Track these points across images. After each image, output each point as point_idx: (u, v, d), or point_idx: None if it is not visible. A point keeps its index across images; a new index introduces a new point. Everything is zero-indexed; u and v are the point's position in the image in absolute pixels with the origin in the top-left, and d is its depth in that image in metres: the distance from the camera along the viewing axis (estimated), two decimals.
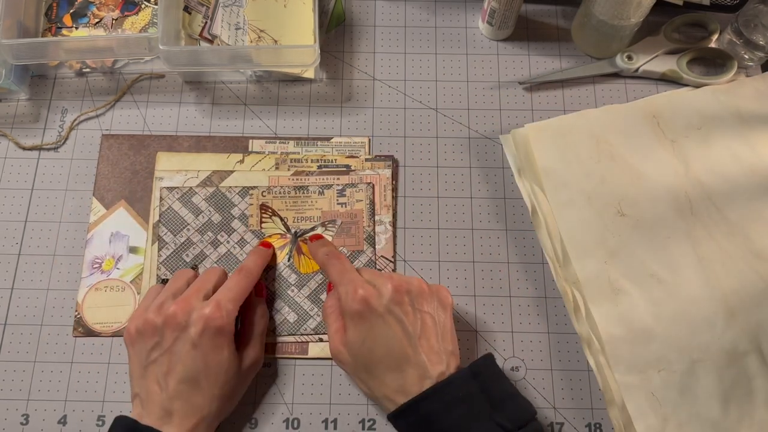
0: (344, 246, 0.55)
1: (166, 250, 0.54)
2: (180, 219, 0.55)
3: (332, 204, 0.56)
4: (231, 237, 0.55)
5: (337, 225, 0.55)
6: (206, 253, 0.54)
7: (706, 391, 0.50)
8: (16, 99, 0.60)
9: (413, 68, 0.62)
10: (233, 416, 0.50)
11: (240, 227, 0.55)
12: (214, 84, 0.61)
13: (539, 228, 0.56)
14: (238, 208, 0.55)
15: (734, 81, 0.61)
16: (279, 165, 0.57)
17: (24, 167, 0.58)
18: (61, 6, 0.61)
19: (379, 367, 0.45)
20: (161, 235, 0.54)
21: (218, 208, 0.55)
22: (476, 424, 0.42)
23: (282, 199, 0.56)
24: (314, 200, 0.56)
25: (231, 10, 0.61)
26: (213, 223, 0.55)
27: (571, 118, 0.59)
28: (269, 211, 0.55)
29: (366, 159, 0.58)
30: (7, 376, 0.51)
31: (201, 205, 0.55)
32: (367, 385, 0.47)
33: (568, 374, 0.52)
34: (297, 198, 0.56)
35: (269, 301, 0.53)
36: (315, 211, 0.56)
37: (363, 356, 0.46)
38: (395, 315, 0.45)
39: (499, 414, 0.43)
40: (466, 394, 0.43)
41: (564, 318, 0.54)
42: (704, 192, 0.56)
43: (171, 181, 0.56)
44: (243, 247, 0.54)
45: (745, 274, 0.53)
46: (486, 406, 0.43)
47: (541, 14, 0.65)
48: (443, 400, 0.43)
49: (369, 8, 0.64)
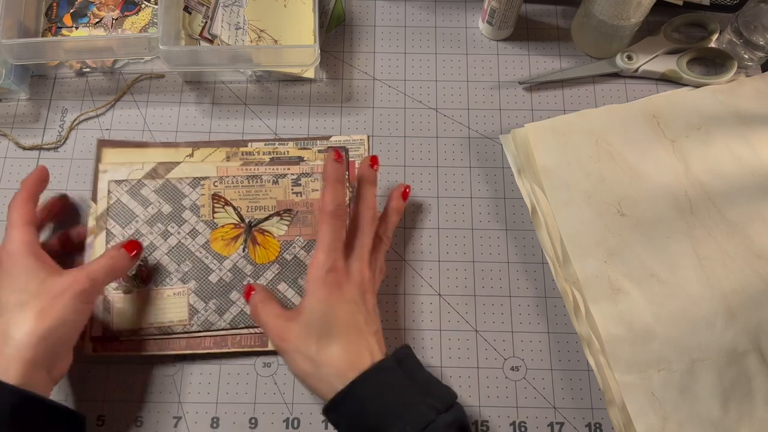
0: (300, 235, 0.54)
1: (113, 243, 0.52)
2: (128, 211, 0.53)
3: (287, 193, 0.55)
4: (182, 228, 0.53)
5: (294, 215, 0.54)
6: (156, 244, 0.53)
7: (706, 390, 0.50)
8: (16, 99, 0.60)
9: (413, 68, 0.62)
10: (233, 416, 0.50)
11: (191, 218, 0.54)
12: (214, 84, 0.61)
13: (539, 228, 0.56)
14: (189, 198, 0.54)
15: (734, 81, 0.61)
16: (230, 158, 0.56)
17: (24, 167, 0.58)
18: (61, 6, 0.61)
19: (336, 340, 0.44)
20: (109, 228, 0.53)
21: (168, 199, 0.54)
22: (410, 408, 0.43)
23: (235, 188, 0.55)
24: (268, 189, 0.55)
25: (231, 10, 0.61)
26: (163, 214, 0.54)
27: (571, 118, 0.59)
28: (222, 201, 0.54)
29: (318, 151, 0.57)
30: None
31: (150, 197, 0.54)
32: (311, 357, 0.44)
33: (568, 374, 0.52)
34: (250, 187, 0.55)
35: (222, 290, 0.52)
36: (269, 200, 0.55)
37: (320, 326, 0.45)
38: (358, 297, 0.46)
39: (429, 397, 0.44)
40: (394, 380, 0.44)
41: (564, 318, 0.54)
42: (704, 192, 0.56)
43: (116, 173, 0.54)
44: (195, 237, 0.53)
45: (745, 274, 0.53)
46: (415, 391, 0.44)
47: (541, 14, 0.65)
48: (375, 385, 0.43)
49: (369, 8, 0.64)
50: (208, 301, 0.52)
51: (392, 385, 0.44)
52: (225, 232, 0.54)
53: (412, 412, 0.42)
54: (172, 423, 0.50)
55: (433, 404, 0.43)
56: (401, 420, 0.42)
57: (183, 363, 0.52)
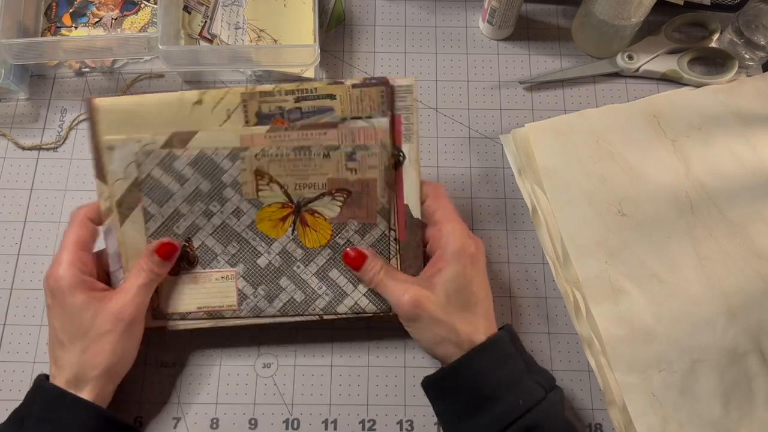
0: (354, 218, 0.49)
1: (154, 223, 0.48)
2: (164, 188, 0.48)
3: (340, 169, 0.48)
4: (224, 207, 0.48)
5: (348, 195, 0.49)
6: (199, 224, 0.48)
7: (706, 391, 0.49)
8: (16, 99, 0.60)
9: (413, 68, 0.62)
10: (233, 416, 0.50)
11: (234, 196, 0.48)
12: (214, 84, 0.61)
13: (539, 228, 0.56)
14: (229, 174, 0.48)
15: (735, 81, 0.60)
16: (247, 103, 0.47)
17: (23, 167, 0.57)
18: (61, 6, 0.61)
19: (476, 310, 0.46)
20: (146, 207, 0.48)
21: (206, 174, 0.48)
22: (521, 382, 0.44)
23: (279, 162, 0.48)
24: (318, 164, 0.48)
25: (231, 10, 0.61)
26: (202, 191, 0.48)
27: (572, 118, 0.58)
28: (266, 177, 0.48)
29: (353, 85, 0.47)
30: (6, 376, 0.51)
31: (185, 172, 0.48)
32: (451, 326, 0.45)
33: (568, 374, 0.52)
34: (298, 161, 0.48)
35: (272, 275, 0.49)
36: (320, 177, 0.48)
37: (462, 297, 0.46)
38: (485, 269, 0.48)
39: (537, 374, 0.45)
40: (509, 353, 0.45)
41: (564, 318, 0.54)
42: (705, 192, 0.56)
43: (123, 150, 0.47)
44: (239, 218, 0.48)
45: (746, 274, 0.53)
46: (525, 367, 0.45)
47: (541, 14, 0.65)
48: (492, 358, 0.45)
49: (369, 8, 0.64)
50: (257, 286, 0.49)
51: (507, 358, 0.45)
52: (272, 212, 0.49)
53: (524, 386, 0.44)
54: (172, 423, 0.50)
55: (541, 382, 0.45)
56: (513, 393, 0.43)
57: (183, 363, 0.52)
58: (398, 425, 0.51)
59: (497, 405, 0.43)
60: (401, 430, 0.50)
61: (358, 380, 0.52)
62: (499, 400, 0.43)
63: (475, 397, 0.44)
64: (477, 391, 0.44)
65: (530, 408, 0.43)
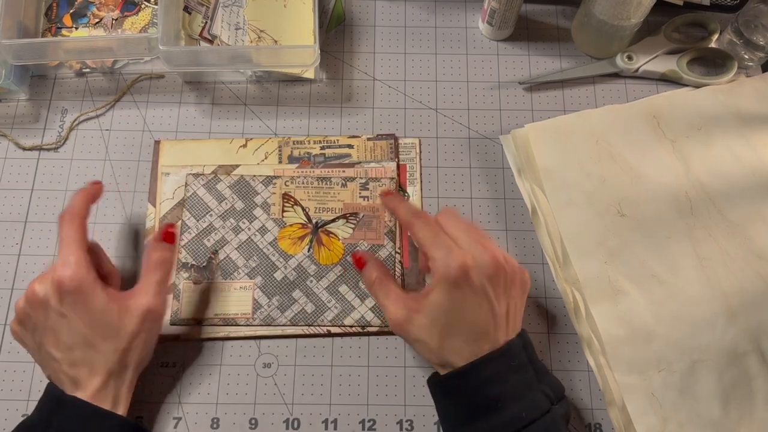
0: (365, 239, 0.55)
1: (189, 234, 0.55)
2: (204, 205, 0.55)
3: (355, 196, 0.56)
4: (252, 224, 0.55)
5: (360, 218, 0.55)
6: (227, 239, 0.55)
7: (706, 391, 0.49)
8: (16, 99, 0.60)
9: (413, 68, 0.62)
10: (233, 416, 0.50)
11: (262, 215, 0.55)
12: (214, 84, 0.61)
13: (539, 228, 0.56)
14: (261, 196, 0.56)
15: (734, 81, 0.61)
16: (282, 147, 0.58)
17: (24, 167, 0.58)
18: (61, 6, 0.61)
19: (458, 336, 0.45)
20: (185, 220, 0.55)
21: (242, 195, 0.56)
22: (528, 393, 0.44)
23: (305, 189, 0.56)
24: (336, 192, 0.56)
25: (231, 10, 0.61)
26: (236, 210, 0.55)
27: (571, 118, 0.59)
28: (291, 200, 0.56)
29: (368, 138, 0.58)
30: (7, 376, 0.51)
31: (225, 192, 0.56)
32: (432, 348, 0.45)
33: (568, 374, 0.52)
34: (320, 189, 0.56)
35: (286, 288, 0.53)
36: (337, 202, 0.56)
37: (444, 322, 0.45)
38: (488, 294, 0.44)
39: (544, 385, 0.45)
40: (519, 363, 0.45)
41: (564, 318, 0.54)
42: (704, 192, 0.56)
43: (176, 176, 0.56)
44: (263, 234, 0.55)
45: (746, 275, 0.53)
46: (534, 376, 0.45)
47: (541, 14, 0.65)
48: (502, 366, 0.44)
49: (369, 8, 0.64)
50: (271, 297, 0.53)
51: (517, 368, 0.44)
52: (293, 231, 0.55)
53: (529, 398, 0.43)
54: (172, 423, 0.50)
55: (548, 393, 0.44)
56: (517, 404, 0.43)
57: (183, 363, 0.52)
58: (398, 425, 0.51)
59: (500, 414, 0.43)
60: (401, 429, 0.51)
61: (358, 380, 0.52)
62: (502, 409, 0.43)
63: (479, 403, 0.43)
64: (482, 398, 0.43)
65: (533, 420, 0.42)
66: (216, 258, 0.54)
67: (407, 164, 0.58)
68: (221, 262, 0.54)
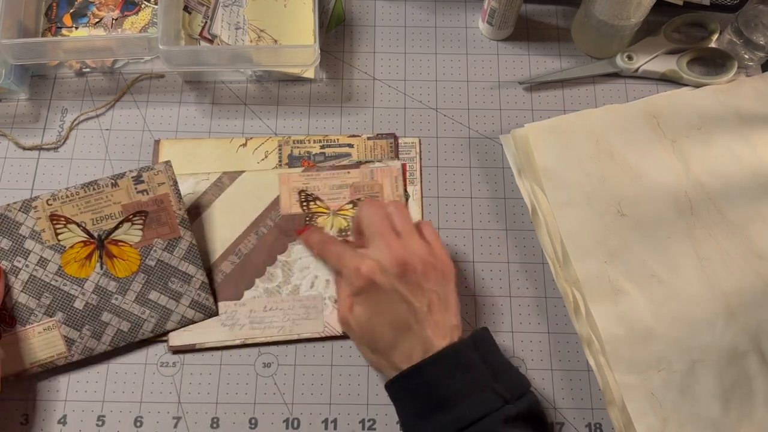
0: (158, 237, 0.51)
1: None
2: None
3: (131, 194, 0.50)
4: (28, 259, 0.49)
5: (146, 216, 0.51)
6: (8, 283, 0.49)
7: (706, 391, 0.49)
8: (16, 99, 0.60)
9: (413, 68, 0.62)
10: (233, 416, 0.50)
11: (35, 246, 0.49)
12: (214, 84, 0.61)
13: (539, 228, 0.56)
14: (26, 226, 0.49)
15: (734, 81, 0.61)
16: (282, 146, 0.57)
17: (24, 167, 0.58)
18: (61, 6, 0.61)
19: (383, 341, 0.46)
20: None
21: (4, 232, 0.49)
22: (477, 392, 0.43)
23: (72, 202, 0.50)
24: (109, 194, 0.50)
25: (231, 10, 0.61)
26: (4, 250, 0.49)
27: (571, 118, 0.59)
28: (62, 220, 0.50)
29: (368, 138, 0.58)
30: None
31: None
32: (370, 356, 0.47)
33: (568, 374, 0.52)
34: (89, 197, 0.50)
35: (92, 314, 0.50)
36: (114, 206, 0.50)
37: (369, 330, 0.46)
38: (401, 293, 0.45)
39: (499, 384, 0.44)
40: (468, 362, 0.44)
41: (564, 318, 0.54)
42: (704, 192, 0.56)
43: (182, 185, 0.53)
44: (45, 266, 0.49)
45: (746, 274, 0.53)
46: (487, 376, 0.44)
47: (541, 14, 0.65)
48: (447, 366, 0.44)
49: (369, 8, 0.64)
50: (81, 328, 0.50)
51: (466, 367, 0.44)
52: (76, 253, 0.50)
53: (478, 396, 0.43)
54: (172, 423, 0.50)
55: (501, 392, 0.43)
56: (464, 403, 0.43)
57: (183, 363, 0.52)
58: (398, 424, 0.51)
59: (445, 413, 0.42)
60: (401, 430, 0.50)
61: (358, 380, 0.52)
62: (448, 409, 0.42)
63: (426, 403, 0.43)
64: (428, 398, 0.43)
65: (479, 418, 0.42)
66: (5, 308, 0.49)
67: (407, 164, 0.58)
68: (12, 310, 0.49)
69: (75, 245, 0.50)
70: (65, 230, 0.50)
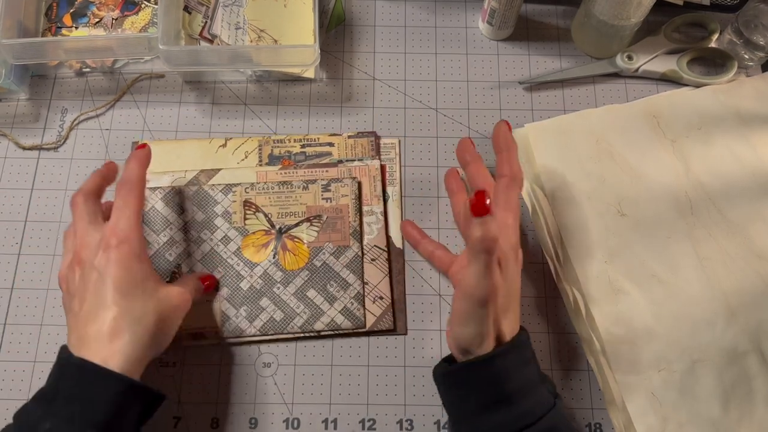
0: (330, 241, 0.54)
1: (149, 250, 0.53)
2: (163, 218, 0.54)
3: (317, 199, 0.55)
4: (214, 234, 0.54)
5: (323, 220, 0.54)
6: (190, 251, 0.53)
7: (706, 391, 0.49)
8: (16, 99, 0.60)
9: (413, 68, 0.62)
10: (233, 416, 0.50)
11: (223, 224, 0.54)
12: (214, 84, 0.61)
13: (539, 228, 0.56)
14: (221, 205, 0.55)
15: (734, 81, 0.61)
16: (262, 146, 0.57)
17: (24, 167, 0.58)
18: (61, 6, 0.61)
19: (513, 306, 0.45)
20: (144, 235, 0.53)
21: (201, 206, 0.54)
22: (536, 387, 0.44)
23: (266, 194, 0.55)
24: (298, 195, 0.55)
25: (231, 10, 0.61)
26: (196, 221, 0.54)
27: (571, 118, 0.59)
28: (253, 207, 0.55)
29: (349, 136, 0.58)
30: (6, 375, 0.51)
31: (184, 204, 0.55)
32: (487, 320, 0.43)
33: (568, 374, 0.52)
34: (281, 193, 0.55)
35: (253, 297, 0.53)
36: (299, 206, 0.55)
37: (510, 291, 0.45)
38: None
39: (544, 380, 0.46)
40: (529, 356, 0.45)
41: (564, 318, 0.54)
42: (704, 192, 0.56)
43: (158, 182, 0.55)
44: (227, 244, 0.54)
45: (746, 274, 0.53)
46: (538, 372, 0.45)
47: (541, 14, 0.65)
48: (518, 358, 0.44)
49: (369, 8, 0.64)
50: (239, 308, 0.52)
51: (528, 362, 0.45)
52: (256, 239, 0.54)
53: (539, 392, 0.44)
54: (172, 423, 0.50)
55: (549, 389, 0.45)
56: (529, 398, 0.43)
57: (183, 363, 0.52)
58: (398, 425, 0.51)
59: (515, 407, 0.43)
60: (401, 429, 0.51)
61: (358, 380, 0.52)
62: (516, 402, 0.43)
63: (495, 395, 0.43)
64: (499, 389, 0.43)
65: (543, 415, 0.43)
66: (179, 272, 0.53)
67: (387, 164, 0.58)
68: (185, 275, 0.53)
69: (257, 232, 0.54)
70: (253, 217, 0.54)
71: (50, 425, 0.39)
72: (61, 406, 0.40)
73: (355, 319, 0.52)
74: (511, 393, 0.43)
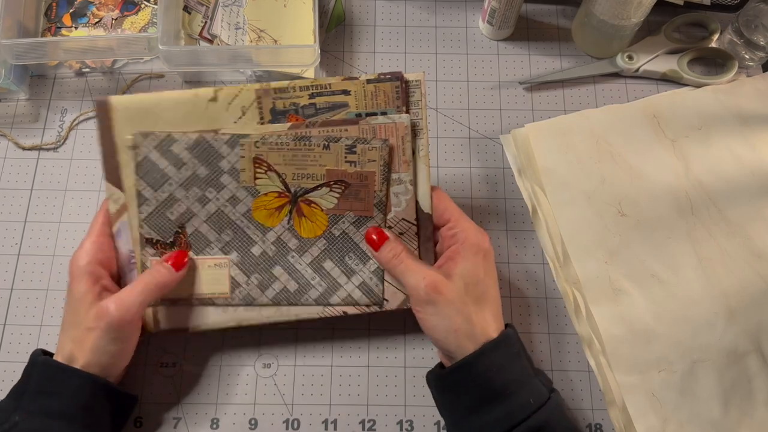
0: (351, 210, 0.48)
1: (147, 207, 0.47)
2: (160, 171, 0.47)
3: (339, 162, 0.47)
4: (221, 194, 0.48)
5: (346, 187, 0.48)
6: (193, 210, 0.48)
7: (706, 391, 0.49)
8: (16, 99, 0.60)
9: (413, 68, 0.62)
10: (233, 416, 0.50)
11: (231, 183, 0.48)
12: (214, 84, 0.61)
13: (539, 228, 0.56)
14: (227, 160, 0.47)
15: (735, 81, 0.60)
16: (261, 99, 0.47)
17: (24, 167, 0.58)
18: (61, 6, 0.61)
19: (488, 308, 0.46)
20: (140, 189, 0.47)
21: (204, 159, 0.47)
22: (529, 380, 0.44)
23: (279, 152, 0.47)
24: (318, 155, 0.47)
25: (231, 10, 0.61)
26: (199, 177, 0.47)
27: (572, 118, 0.59)
28: (264, 166, 0.48)
29: (368, 80, 0.47)
30: (6, 376, 0.51)
31: (183, 156, 0.47)
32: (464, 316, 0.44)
33: (568, 374, 0.52)
34: (297, 151, 0.47)
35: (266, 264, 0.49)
36: (318, 168, 0.48)
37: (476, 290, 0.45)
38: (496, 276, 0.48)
39: (538, 374, 0.46)
40: (517, 350, 0.46)
41: (564, 318, 0.54)
42: (704, 192, 0.56)
43: None
44: (235, 205, 0.48)
45: (746, 274, 0.53)
46: (529, 365, 0.46)
47: (541, 14, 0.65)
48: (505, 353, 0.45)
49: (369, 8, 0.64)
50: (250, 275, 0.48)
51: (516, 356, 0.45)
52: (268, 201, 0.48)
53: (532, 385, 0.44)
54: (172, 423, 0.50)
55: (544, 383, 0.45)
56: (523, 392, 0.44)
57: (183, 363, 0.52)
58: (398, 425, 0.51)
59: (507, 402, 0.43)
60: (401, 430, 0.51)
61: (358, 380, 0.52)
62: (509, 397, 0.43)
63: (485, 393, 0.44)
64: (488, 387, 0.44)
65: (539, 407, 0.43)
66: (184, 233, 0.48)
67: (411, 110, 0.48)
68: (190, 236, 0.48)
69: (269, 193, 0.48)
70: (264, 177, 0.48)
71: (19, 418, 0.43)
72: (29, 401, 0.44)
73: (373, 295, 0.49)
74: (500, 390, 0.43)
